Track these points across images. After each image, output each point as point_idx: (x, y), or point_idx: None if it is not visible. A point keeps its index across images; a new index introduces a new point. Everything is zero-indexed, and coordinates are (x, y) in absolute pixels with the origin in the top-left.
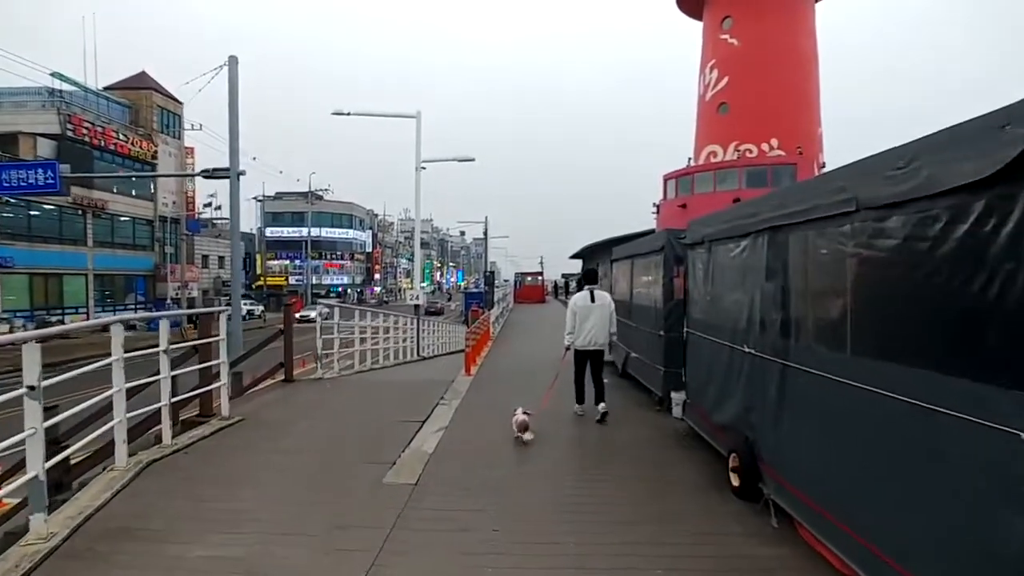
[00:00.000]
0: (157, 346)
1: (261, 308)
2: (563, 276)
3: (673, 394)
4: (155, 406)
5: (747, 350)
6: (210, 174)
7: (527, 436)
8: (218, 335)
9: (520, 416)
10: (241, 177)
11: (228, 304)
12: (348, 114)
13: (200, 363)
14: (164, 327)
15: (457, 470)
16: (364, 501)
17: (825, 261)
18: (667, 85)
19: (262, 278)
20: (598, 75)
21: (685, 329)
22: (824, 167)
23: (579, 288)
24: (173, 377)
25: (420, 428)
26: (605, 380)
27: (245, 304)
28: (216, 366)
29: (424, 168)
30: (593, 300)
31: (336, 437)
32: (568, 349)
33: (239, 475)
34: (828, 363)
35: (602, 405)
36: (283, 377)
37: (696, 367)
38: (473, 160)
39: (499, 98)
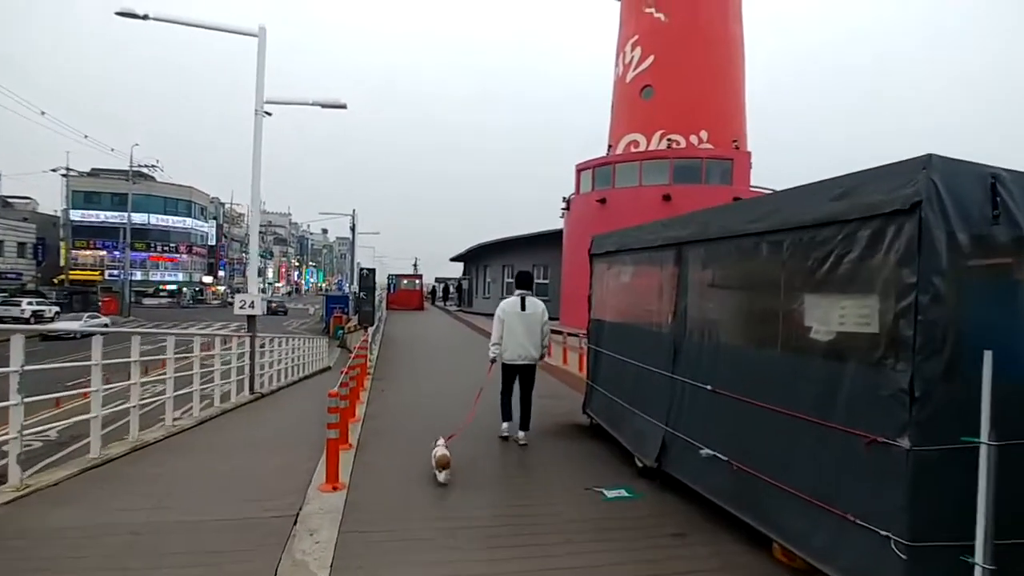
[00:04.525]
0: None
1: (56, 310)
2: (437, 280)
3: None
4: None
5: None
6: None
7: (443, 476)
8: None
9: (441, 449)
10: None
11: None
12: (145, 17)
13: None
14: None
15: None
16: None
17: None
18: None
19: (65, 272)
20: (460, 80)
21: None
22: (751, 167)
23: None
24: None
25: None
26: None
27: (30, 305)
28: None
29: (269, 115)
30: (524, 308)
31: None
32: (494, 362)
33: None
34: None
35: (523, 435)
36: None
37: None
38: (344, 107)
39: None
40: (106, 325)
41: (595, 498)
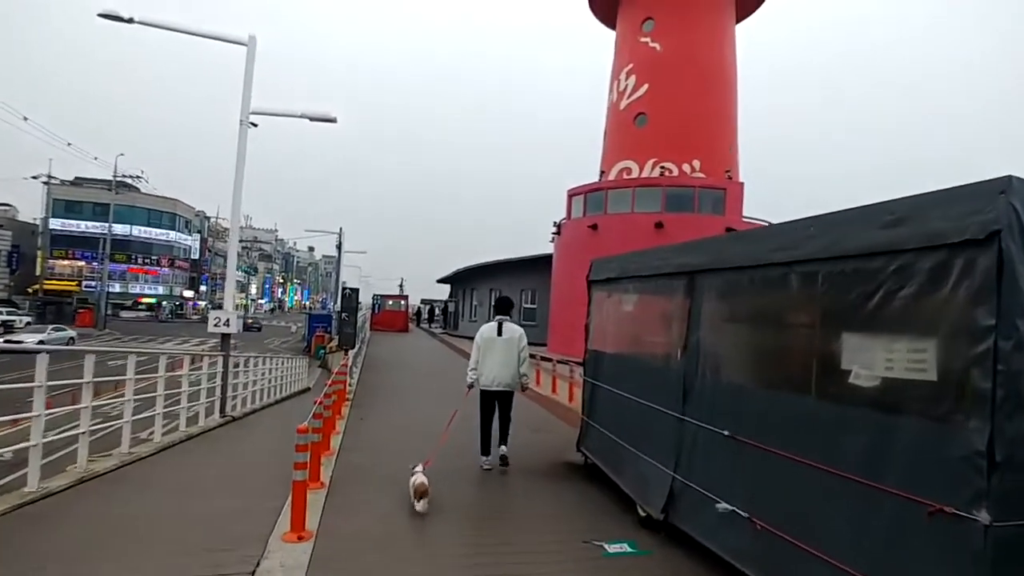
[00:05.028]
0: None
1: (28, 320)
2: (423, 301)
3: None
4: None
5: None
6: None
7: (421, 506)
8: None
9: (420, 477)
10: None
11: None
12: (130, 21)
13: None
14: None
15: None
16: None
17: None
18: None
19: (40, 281)
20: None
21: None
22: (743, 198)
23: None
24: None
25: None
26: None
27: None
28: None
29: (255, 125)
30: (500, 333)
31: None
32: (471, 388)
33: None
34: None
35: (503, 448)
36: None
37: None
38: (334, 121)
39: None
40: (71, 339)
41: (594, 553)
